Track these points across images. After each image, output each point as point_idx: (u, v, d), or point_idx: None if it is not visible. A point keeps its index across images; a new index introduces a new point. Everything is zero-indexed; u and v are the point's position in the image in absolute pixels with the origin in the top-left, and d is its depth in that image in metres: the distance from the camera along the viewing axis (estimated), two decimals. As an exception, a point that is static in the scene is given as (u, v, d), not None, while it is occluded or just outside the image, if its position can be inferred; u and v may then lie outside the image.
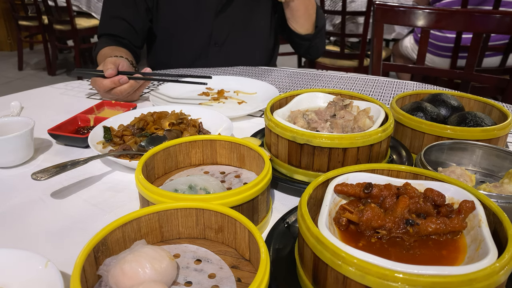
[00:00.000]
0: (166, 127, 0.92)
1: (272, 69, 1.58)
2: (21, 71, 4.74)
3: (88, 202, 0.75)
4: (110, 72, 1.12)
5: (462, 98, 0.96)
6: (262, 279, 0.43)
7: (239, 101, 1.22)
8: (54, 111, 1.15)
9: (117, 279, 0.47)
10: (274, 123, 0.76)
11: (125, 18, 1.44)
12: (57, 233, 0.67)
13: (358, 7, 2.93)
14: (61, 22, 3.87)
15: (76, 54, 4.00)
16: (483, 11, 1.68)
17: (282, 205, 0.74)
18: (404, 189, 0.54)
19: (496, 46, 2.40)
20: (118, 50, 1.36)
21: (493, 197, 0.59)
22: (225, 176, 0.75)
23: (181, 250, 0.56)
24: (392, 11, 1.66)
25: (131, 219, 0.53)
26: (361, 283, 0.42)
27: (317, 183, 0.56)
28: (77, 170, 0.83)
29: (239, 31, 1.56)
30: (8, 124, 0.90)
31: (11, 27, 5.40)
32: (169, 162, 0.75)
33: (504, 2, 2.24)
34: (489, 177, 0.75)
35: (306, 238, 0.48)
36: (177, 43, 1.54)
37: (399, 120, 0.86)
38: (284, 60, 4.29)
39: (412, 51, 2.75)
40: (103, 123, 0.95)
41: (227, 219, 0.54)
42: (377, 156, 0.74)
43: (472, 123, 0.82)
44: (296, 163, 0.75)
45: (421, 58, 1.73)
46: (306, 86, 1.38)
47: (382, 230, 0.50)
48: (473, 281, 0.40)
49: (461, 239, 0.50)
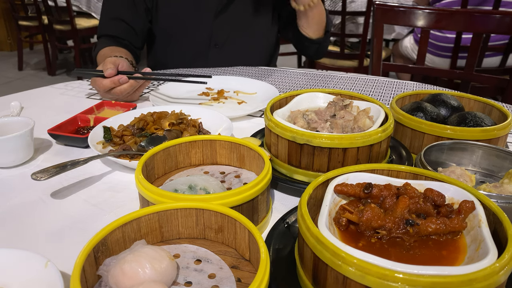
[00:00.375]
0: (166, 127, 0.92)
1: (272, 69, 1.58)
2: (21, 71, 4.74)
3: (88, 202, 0.75)
4: (110, 72, 1.12)
5: (462, 98, 0.96)
6: (262, 279, 0.43)
7: (239, 101, 1.22)
8: (54, 111, 1.15)
9: (117, 279, 0.47)
10: (274, 123, 0.76)
11: (125, 19, 1.43)
12: (57, 233, 0.67)
13: (358, 7, 2.93)
14: (61, 22, 3.88)
15: (76, 54, 4.00)
16: (483, 11, 1.68)
17: (282, 205, 0.74)
18: (404, 189, 0.54)
19: (496, 46, 2.40)
20: (118, 50, 1.36)
21: (493, 197, 0.59)
22: (225, 176, 0.75)
23: (181, 250, 0.56)
24: (392, 11, 1.67)
25: (131, 219, 0.53)
26: (361, 283, 0.42)
27: (317, 183, 0.56)
28: (77, 170, 0.83)
29: (240, 32, 1.55)
30: (8, 124, 0.90)
31: (11, 27, 5.40)
32: (169, 162, 0.75)
33: (504, 2, 2.24)
34: (489, 177, 0.75)
35: (306, 238, 0.48)
36: (177, 43, 1.53)
37: (399, 120, 0.86)
38: (284, 60, 4.29)
39: (412, 51, 2.75)
40: (103, 123, 0.95)
41: (227, 219, 0.54)
42: (377, 156, 0.74)
43: (472, 123, 0.82)
44: (296, 163, 0.75)
45: (421, 58, 1.73)
46: (306, 86, 1.38)
47: (382, 230, 0.50)
48: (473, 281, 0.40)
49: (461, 239, 0.50)
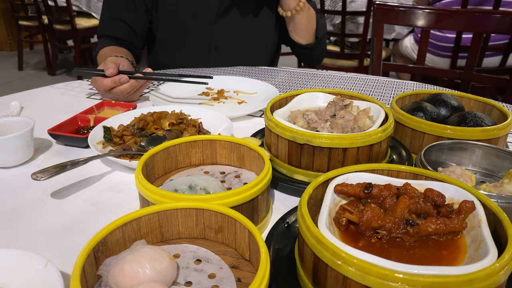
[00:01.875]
0: (166, 127, 0.92)
1: (272, 69, 1.57)
2: (21, 71, 4.74)
3: (88, 202, 0.75)
4: (111, 71, 1.11)
5: (462, 98, 0.96)
6: (262, 279, 0.43)
7: (239, 101, 1.22)
8: (54, 111, 1.15)
9: (117, 279, 0.47)
10: (274, 123, 0.76)
11: (125, 19, 1.43)
12: (57, 233, 0.67)
13: (358, 7, 2.93)
14: (61, 22, 3.88)
15: (76, 54, 4.01)
16: (483, 11, 1.68)
17: (282, 205, 0.74)
18: (404, 189, 0.53)
19: (496, 46, 2.40)
20: (119, 50, 1.36)
21: (493, 197, 0.59)
22: (225, 176, 0.75)
23: (181, 250, 0.56)
24: (392, 11, 1.67)
25: (131, 219, 0.53)
26: (361, 283, 0.42)
27: (317, 183, 0.56)
28: (77, 170, 0.83)
29: (241, 36, 1.53)
30: (8, 124, 0.90)
31: (11, 27, 5.40)
32: (169, 162, 0.75)
33: (504, 2, 2.24)
34: (489, 177, 0.75)
35: (306, 238, 0.48)
36: (177, 45, 1.52)
37: (399, 120, 0.86)
38: (284, 60, 4.28)
39: (412, 51, 2.75)
40: (103, 123, 0.95)
41: (227, 219, 0.54)
42: (377, 156, 0.74)
43: (472, 123, 0.82)
44: (296, 163, 0.75)
45: (421, 58, 1.73)
46: (306, 86, 1.38)
47: (382, 231, 0.50)
48: (473, 281, 0.40)
49: (461, 239, 0.50)
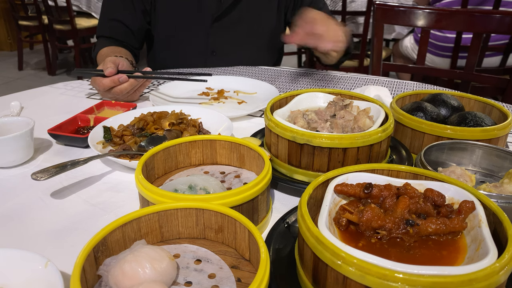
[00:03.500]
0: (166, 127, 0.92)
1: (272, 69, 1.57)
2: (21, 71, 4.74)
3: (88, 202, 0.75)
4: (110, 70, 1.11)
5: (462, 98, 0.96)
6: (262, 279, 0.43)
7: (239, 101, 1.22)
8: (54, 111, 1.15)
9: (117, 279, 0.47)
10: (274, 123, 0.76)
11: (123, 20, 1.43)
12: (57, 233, 0.67)
13: (358, 7, 2.93)
14: (61, 22, 3.88)
15: (76, 54, 4.01)
16: (483, 11, 1.68)
17: (282, 205, 0.74)
18: (404, 189, 0.53)
19: (496, 46, 2.40)
20: (118, 50, 1.36)
21: (493, 197, 0.59)
22: (225, 176, 0.75)
23: (181, 250, 0.56)
24: (392, 11, 1.67)
25: (131, 219, 0.53)
26: (361, 283, 0.42)
27: (317, 183, 0.56)
28: (77, 170, 0.83)
29: (240, 41, 1.49)
30: (8, 124, 0.90)
31: (11, 27, 5.40)
32: (169, 162, 0.75)
33: (504, 2, 2.24)
34: (489, 177, 0.75)
35: (306, 238, 0.48)
36: (175, 47, 1.51)
37: (399, 120, 0.86)
38: (284, 60, 4.27)
39: (412, 51, 2.75)
40: (103, 123, 0.95)
41: (227, 219, 0.54)
42: (377, 156, 0.74)
43: (472, 123, 0.82)
44: (296, 163, 0.75)
45: (421, 58, 1.73)
46: (306, 86, 1.38)
47: (382, 231, 0.49)
48: (473, 281, 0.40)
49: (461, 239, 0.50)
